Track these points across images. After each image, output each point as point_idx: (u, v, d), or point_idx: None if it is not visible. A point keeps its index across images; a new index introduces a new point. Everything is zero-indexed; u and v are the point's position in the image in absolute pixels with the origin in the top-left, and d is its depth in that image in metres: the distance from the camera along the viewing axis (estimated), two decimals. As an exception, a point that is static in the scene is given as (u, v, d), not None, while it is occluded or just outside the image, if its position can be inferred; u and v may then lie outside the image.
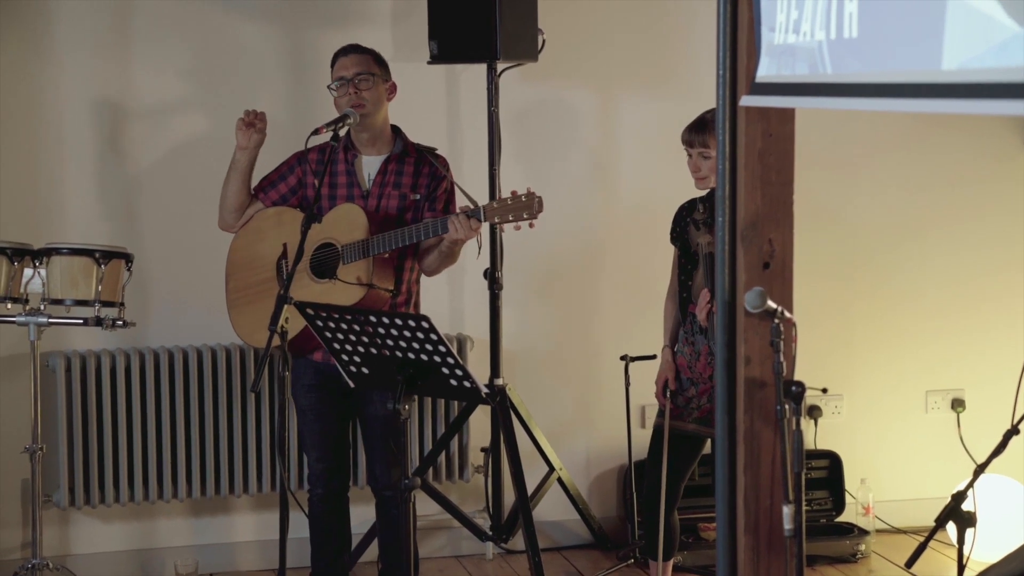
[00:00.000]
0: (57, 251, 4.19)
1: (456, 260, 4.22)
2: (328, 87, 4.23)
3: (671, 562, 4.31)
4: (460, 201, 4.15)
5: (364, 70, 4.18)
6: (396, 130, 4.29)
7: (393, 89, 4.27)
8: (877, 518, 5.31)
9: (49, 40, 4.78)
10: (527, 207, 3.96)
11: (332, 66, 4.24)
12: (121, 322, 4.23)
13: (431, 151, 4.28)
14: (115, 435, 4.74)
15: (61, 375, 4.68)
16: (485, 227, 4.16)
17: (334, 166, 4.22)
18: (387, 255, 4.08)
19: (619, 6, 5.21)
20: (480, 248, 4.20)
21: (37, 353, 4.28)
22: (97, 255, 4.18)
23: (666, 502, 4.16)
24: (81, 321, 4.23)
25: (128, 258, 4.29)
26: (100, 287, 4.17)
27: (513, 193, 3.98)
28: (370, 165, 4.25)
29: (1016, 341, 5.42)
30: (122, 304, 4.26)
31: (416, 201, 4.20)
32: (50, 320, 4.23)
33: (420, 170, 4.23)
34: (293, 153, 4.29)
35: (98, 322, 4.19)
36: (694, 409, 4.16)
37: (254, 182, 4.32)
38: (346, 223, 4.12)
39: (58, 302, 4.19)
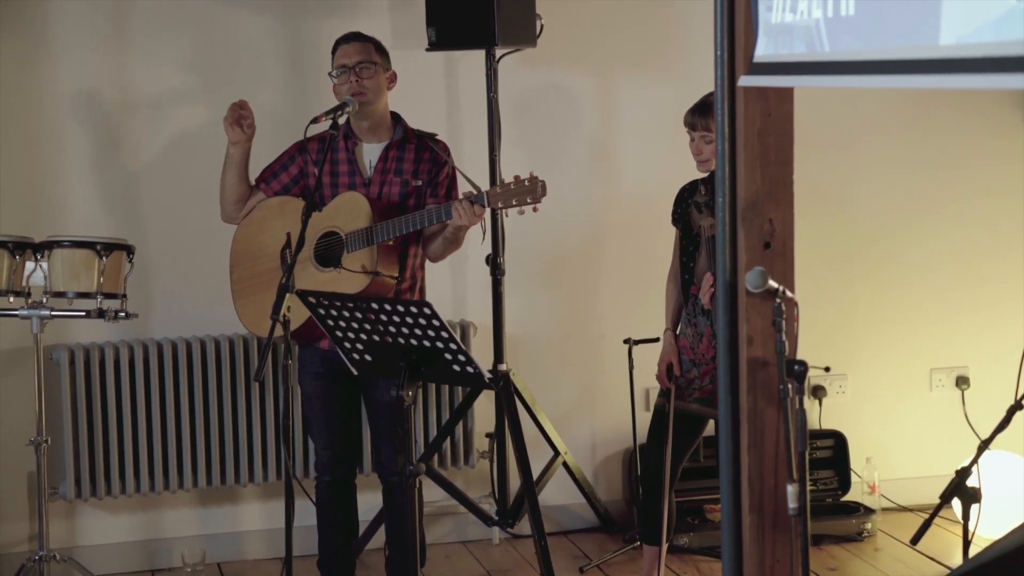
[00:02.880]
0: (59, 244, 4.19)
1: (460, 245, 4.22)
2: (329, 74, 4.23)
3: (664, 546, 4.29)
4: (463, 186, 4.15)
5: (366, 58, 4.17)
6: (396, 117, 4.28)
7: (394, 78, 4.27)
8: (883, 496, 5.31)
9: (48, 34, 4.78)
10: (531, 191, 3.95)
11: (333, 53, 4.23)
12: (124, 314, 4.23)
13: (431, 137, 4.28)
14: (120, 426, 4.75)
15: (65, 368, 4.68)
16: (487, 213, 4.16)
17: (335, 155, 4.22)
18: (391, 242, 4.08)
19: (617, -11, 5.20)
20: (485, 233, 4.21)
21: (40, 346, 4.29)
22: (98, 247, 4.18)
23: (662, 484, 4.15)
24: (84, 313, 4.23)
25: (129, 250, 4.29)
26: (102, 279, 4.17)
27: (516, 178, 3.97)
28: (371, 153, 4.25)
29: (1019, 318, 5.42)
30: (124, 296, 4.27)
31: (418, 187, 4.19)
32: (53, 313, 4.23)
33: (421, 156, 4.23)
34: (294, 143, 4.29)
35: (100, 314, 4.19)
36: (695, 390, 4.16)
37: (256, 172, 4.32)
38: (349, 211, 4.12)
39: (60, 295, 4.19)
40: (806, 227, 3.02)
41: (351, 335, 3.61)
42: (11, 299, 4.19)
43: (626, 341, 4.81)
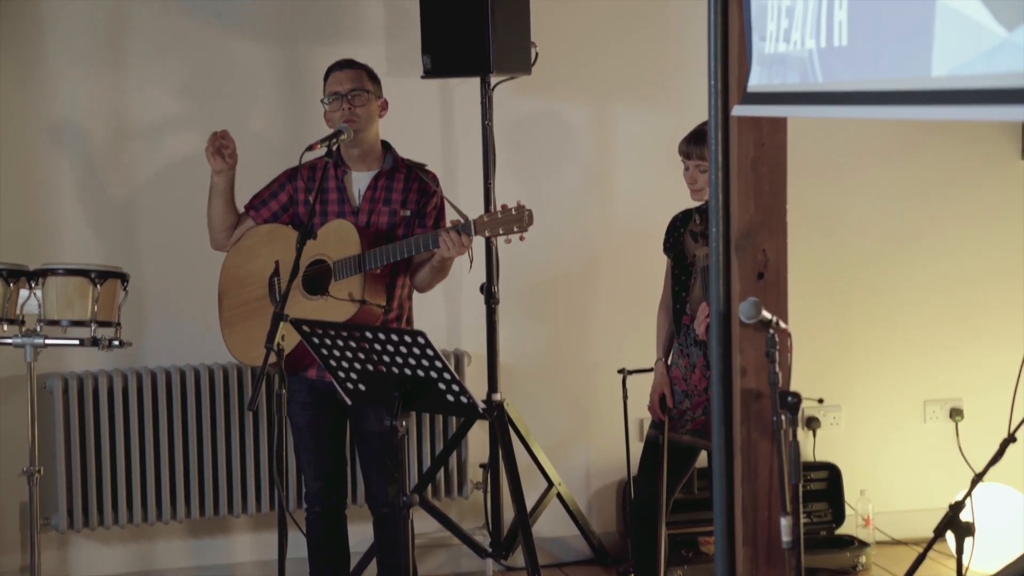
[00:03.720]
0: (53, 272, 4.17)
1: (447, 275, 4.21)
2: (321, 101, 4.23)
3: None
4: (451, 216, 4.15)
5: (358, 86, 4.18)
6: (386, 146, 4.29)
7: (385, 106, 4.27)
8: (877, 529, 5.29)
9: (43, 59, 4.79)
10: (517, 220, 3.96)
11: (325, 80, 4.24)
12: (118, 342, 4.22)
13: (421, 167, 4.28)
14: (113, 456, 4.73)
15: (59, 396, 4.67)
16: (481, 241, 4.16)
17: (325, 182, 4.22)
18: (379, 271, 4.08)
19: (611, 18, 5.22)
20: (472, 262, 4.20)
21: (34, 375, 4.27)
22: (93, 275, 4.17)
23: (655, 517, 4.13)
24: (77, 342, 4.21)
25: (124, 278, 4.28)
26: (96, 307, 4.16)
27: (503, 207, 3.98)
28: (360, 181, 4.25)
29: (1014, 349, 5.40)
30: (118, 324, 4.25)
31: (406, 217, 4.20)
32: (46, 341, 4.22)
33: (410, 186, 4.23)
34: (284, 170, 4.29)
35: (94, 342, 4.18)
36: (688, 421, 4.15)
37: (246, 199, 4.32)
38: (338, 239, 4.11)
39: (54, 323, 4.18)
40: (799, 255, 3.02)
41: (344, 364, 3.60)
42: (5, 327, 4.17)
43: (620, 371, 4.79)
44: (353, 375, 3.61)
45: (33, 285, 4.19)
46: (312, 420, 4.23)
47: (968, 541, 3.42)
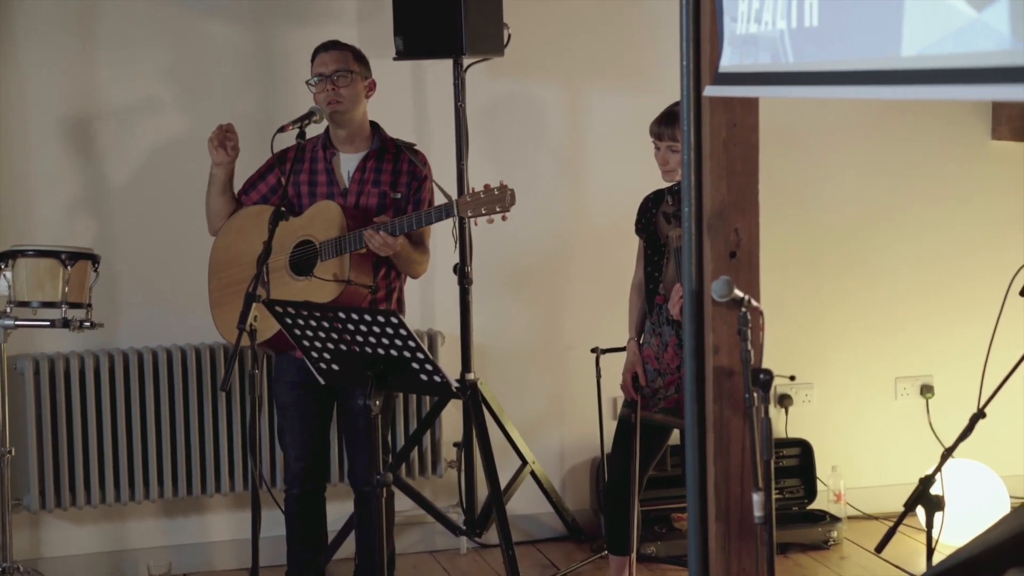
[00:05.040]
0: (22, 253, 4.16)
1: (417, 266, 4.22)
2: (307, 83, 4.22)
3: (633, 555, 4.29)
4: (436, 196, 4.16)
5: (343, 67, 4.17)
6: (375, 127, 4.28)
7: (372, 86, 4.27)
8: (848, 504, 5.34)
9: (15, 43, 4.75)
10: (499, 200, 3.96)
11: (312, 61, 4.23)
12: (88, 323, 4.21)
13: (410, 147, 4.28)
14: (85, 437, 4.72)
15: (29, 377, 4.65)
16: (452, 223, 4.17)
17: (314, 164, 4.23)
18: (364, 251, 4.08)
19: (584, 0, 5.21)
20: (456, 243, 4.21)
21: (4, 356, 4.26)
22: (63, 256, 4.16)
23: (628, 494, 4.15)
24: (48, 323, 4.20)
25: (95, 259, 4.27)
26: (67, 288, 4.15)
27: (486, 186, 3.98)
28: (348, 163, 4.24)
29: (983, 325, 5.43)
30: (89, 305, 4.24)
31: (396, 200, 4.20)
32: (16, 323, 4.21)
33: (399, 168, 4.23)
34: (274, 153, 4.28)
35: (65, 323, 4.17)
36: (660, 399, 4.17)
37: (238, 185, 4.33)
38: (324, 220, 4.12)
39: (24, 304, 4.17)
40: (770, 233, 3.03)
41: (318, 344, 3.60)
42: (-25, 309, 4.16)
43: (593, 350, 4.82)
44: (327, 355, 3.61)
45: (3, 267, 4.17)
46: (299, 400, 4.23)
47: (938, 516, 3.45)
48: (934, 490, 3.50)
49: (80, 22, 4.82)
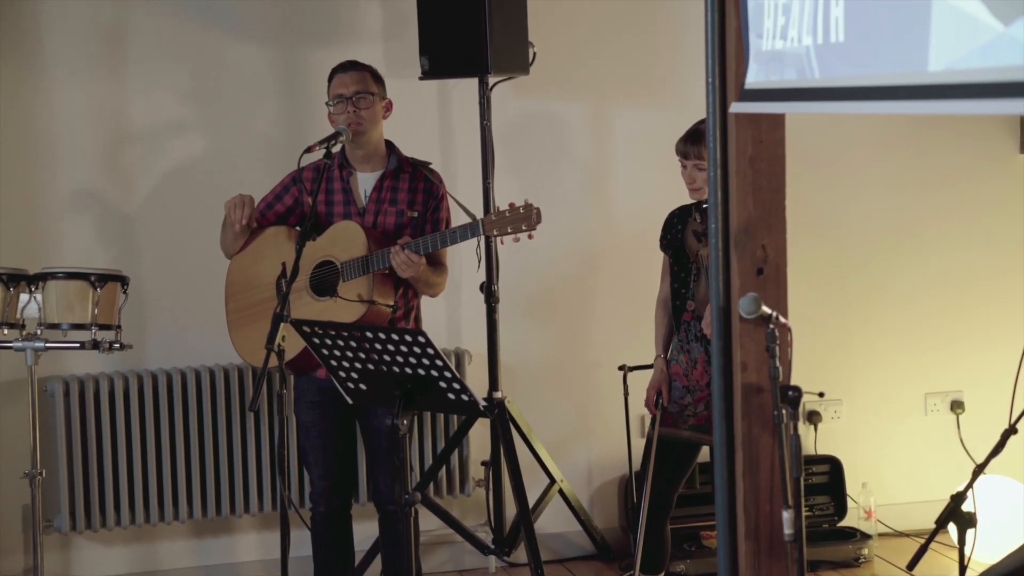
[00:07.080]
0: (52, 275, 4.18)
1: (435, 287, 4.22)
2: (326, 103, 4.23)
3: (661, 575, 4.27)
4: (458, 215, 4.16)
5: (363, 88, 4.18)
6: (390, 146, 4.29)
7: (389, 107, 4.28)
8: (879, 521, 5.31)
9: (43, 64, 4.79)
10: (525, 219, 3.96)
11: (329, 81, 4.24)
12: (118, 345, 4.23)
13: (425, 165, 4.29)
14: (115, 458, 4.74)
15: (60, 399, 4.67)
16: (480, 241, 4.17)
17: (330, 184, 4.23)
18: (387, 271, 4.08)
19: (609, 18, 5.22)
20: (480, 261, 4.21)
21: (35, 378, 4.27)
22: (92, 278, 4.17)
23: (658, 512, 4.13)
24: (78, 345, 4.22)
25: (124, 281, 4.28)
26: (96, 310, 4.16)
27: (511, 205, 3.98)
28: (366, 182, 4.25)
29: (1014, 340, 5.42)
30: (119, 327, 4.26)
31: (413, 219, 4.20)
32: (47, 345, 4.22)
33: (416, 186, 4.23)
34: (288, 173, 4.30)
35: (95, 345, 4.18)
36: (690, 416, 4.16)
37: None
38: (345, 240, 4.12)
39: (55, 326, 4.18)
40: (798, 250, 3.03)
41: (346, 364, 3.60)
42: (5, 331, 4.18)
43: (621, 368, 4.80)
44: (354, 375, 3.62)
45: (33, 289, 4.19)
46: (320, 420, 4.23)
47: (970, 532, 3.42)
48: (966, 507, 3.48)
49: (107, 47, 4.85)
